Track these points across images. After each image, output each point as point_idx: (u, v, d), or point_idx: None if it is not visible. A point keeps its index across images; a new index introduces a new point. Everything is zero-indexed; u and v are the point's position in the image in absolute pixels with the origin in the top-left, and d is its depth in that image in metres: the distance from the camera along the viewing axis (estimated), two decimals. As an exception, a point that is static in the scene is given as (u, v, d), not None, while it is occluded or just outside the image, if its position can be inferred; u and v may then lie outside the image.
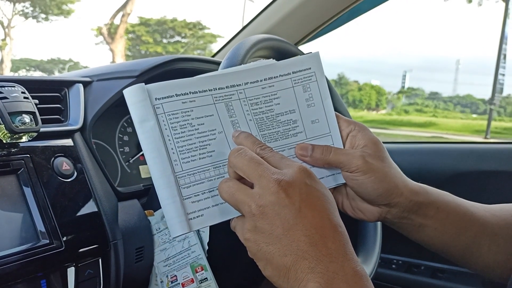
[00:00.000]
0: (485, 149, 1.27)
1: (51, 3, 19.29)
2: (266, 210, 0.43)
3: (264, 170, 0.45)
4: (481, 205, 0.59)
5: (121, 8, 17.33)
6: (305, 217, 0.42)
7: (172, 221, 0.47)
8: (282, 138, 0.53)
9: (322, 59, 0.57)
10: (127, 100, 0.48)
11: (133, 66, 0.82)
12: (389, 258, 1.32)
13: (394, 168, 0.54)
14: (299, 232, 0.42)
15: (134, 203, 0.75)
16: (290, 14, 1.16)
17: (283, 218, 0.42)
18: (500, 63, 12.96)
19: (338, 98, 0.82)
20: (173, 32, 22.46)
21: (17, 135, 0.59)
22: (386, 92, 31.44)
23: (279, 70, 0.54)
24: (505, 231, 0.57)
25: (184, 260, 0.74)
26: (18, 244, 0.56)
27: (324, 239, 0.42)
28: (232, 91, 0.51)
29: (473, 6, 20.85)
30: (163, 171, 0.47)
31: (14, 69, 21.02)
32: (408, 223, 0.55)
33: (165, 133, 0.48)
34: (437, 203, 0.55)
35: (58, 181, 0.63)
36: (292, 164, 0.46)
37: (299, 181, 0.44)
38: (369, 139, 0.53)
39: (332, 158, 0.53)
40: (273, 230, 0.43)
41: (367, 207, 0.55)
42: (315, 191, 0.44)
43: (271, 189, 0.43)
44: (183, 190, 0.48)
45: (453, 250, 0.57)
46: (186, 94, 0.49)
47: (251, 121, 0.52)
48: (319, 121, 0.55)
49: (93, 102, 0.76)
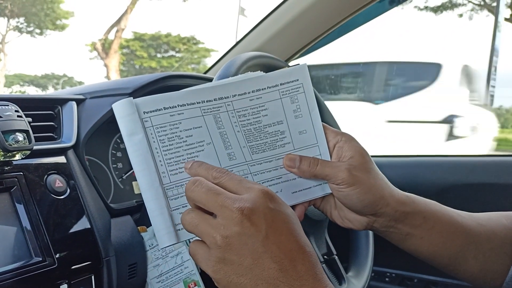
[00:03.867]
0: (476, 162, 1.29)
1: (46, 18, 19.35)
2: (232, 241, 0.42)
3: (224, 199, 0.43)
4: (468, 214, 0.60)
5: (116, 23, 17.41)
6: (273, 243, 0.42)
7: (160, 232, 0.48)
8: (269, 149, 0.54)
9: (313, 73, 0.58)
10: (116, 114, 0.49)
11: (126, 83, 0.83)
12: (382, 271, 1.32)
13: (381, 179, 0.54)
14: (269, 259, 0.42)
15: (127, 219, 0.75)
16: (281, 30, 1.18)
17: (251, 248, 0.42)
18: (491, 75, 13.09)
19: (327, 109, 0.83)
20: (167, 47, 22.54)
21: (11, 153, 0.59)
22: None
23: (267, 82, 0.55)
24: (492, 241, 0.58)
25: (177, 276, 0.74)
26: (10, 262, 0.57)
27: (293, 262, 0.42)
28: (220, 103, 0.52)
29: (463, 20, 21.19)
30: (151, 183, 0.48)
31: (8, 84, 20.96)
32: (395, 232, 0.56)
33: (153, 145, 0.49)
34: (424, 213, 0.56)
35: (51, 198, 0.64)
36: (252, 187, 0.45)
37: (262, 206, 0.43)
38: (355, 150, 0.54)
39: (318, 171, 0.53)
40: (242, 261, 0.42)
41: (355, 216, 0.56)
42: (279, 215, 0.44)
43: (234, 220, 0.42)
44: (171, 201, 0.49)
45: (440, 258, 0.58)
46: (174, 107, 0.50)
47: (239, 132, 0.53)
48: (306, 132, 0.56)
49: (86, 119, 0.76)
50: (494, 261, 0.58)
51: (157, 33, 22.42)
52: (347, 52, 4.11)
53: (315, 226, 0.80)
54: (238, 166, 0.52)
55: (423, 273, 1.26)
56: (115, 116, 0.49)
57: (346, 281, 0.81)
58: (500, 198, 1.18)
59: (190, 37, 22.82)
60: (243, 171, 0.53)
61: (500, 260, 0.58)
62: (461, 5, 12.10)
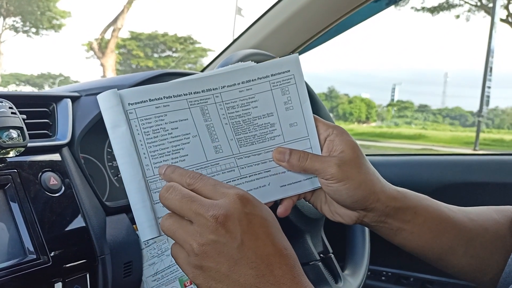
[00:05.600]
0: (472, 161, 1.29)
1: (42, 17, 19.29)
2: (208, 249, 0.43)
3: (198, 207, 0.43)
4: (459, 209, 0.60)
5: (112, 22, 17.38)
6: (249, 249, 0.42)
7: (142, 225, 0.48)
8: (258, 142, 0.54)
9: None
10: (100, 105, 0.48)
11: (122, 80, 0.83)
12: (378, 269, 1.32)
13: (372, 174, 0.54)
14: (245, 266, 0.42)
15: (123, 217, 0.75)
16: (278, 28, 1.18)
17: (227, 255, 0.42)
18: (487, 76, 13.16)
19: (319, 102, 0.83)
20: (164, 47, 22.53)
21: (5, 150, 0.59)
22: (376, 105, 31.68)
23: (257, 72, 0.54)
24: (482, 236, 0.58)
25: (173, 275, 0.73)
26: (4, 260, 0.56)
27: (270, 267, 0.42)
28: (208, 95, 0.52)
29: (460, 21, 21.15)
30: (134, 176, 0.48)
31: (4, 83, 20.90)
32: (386, 227, 0.56)
33: (137, 138, 0.48)
34: (414, 208, 0.55)
35: (45, 196, 0.63)
36: (227, 192, 0.45)
37: (237, 212, 0.43)
38: (346, 144, 0.53)
39: (308, 165, 0.53)
40: (219, 268, 0.42)
41: (345, 211, 0.55)
42: (255, 219, 0.44)
43: (209, 227, 0.42)
44: (154, 194, 0.48)
45: (430, 253, 0.58)
46: (160, 99, 0.49)
47: (227, 125, 0.52)
48: (297, 124, 0.55)
49: (81, 116, 0.76)
50: (485, 256, 0.58)
51: (154, 32, 22.41)
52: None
53: (312, 224, 0.80)
54: (224, 159, 0.52)
55: (419, 272, 1.27)
56: (100, 108, 0.49)
57: (342, 279, 0.81)
58: (496, 197, 1.18)
59: (187, 37, 22.82)
60: (229, 164, 0.52)
61: (491, 255, 0.58)
62: (458, 5, 12.14)
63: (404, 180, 1.29)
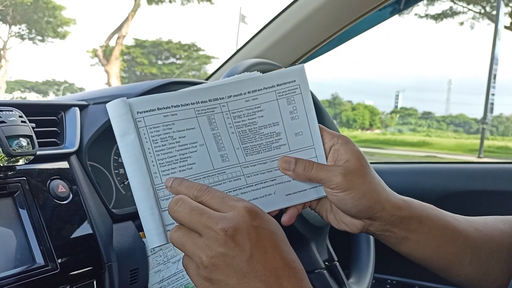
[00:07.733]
0: (477, 169, 1.29)
1: (47, 26, 19.45)
2: (217, 261, 0.43)
3: (207, 220, 0.44)
4: (465, 218, 0.60)
5: (117, 30, 17.48)
6: (258, 262, 0.43)
7: (150, 232, 0.48)
8: (264, 151, 0.54)
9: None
10: (109, 114, 0.49)
11: (129, 89, 0.84)
12: (383, 278, 1.32)
13: (377, 183, 0.54)
14: (254, 279, 0.43)
15: (129, 224, 0.75)
16: (282, 38, 1.19)
17: (236, 268, 0.43)
18: (491, 83, 13.14)
19: (324, 111, 0.83)
20: (168, 54, 22.64)
21: (14, 158, 0.60)
22: (379, 112, 31.66)
23: (264, 82, 0.54)
24: (487, 245, 0.58)
25: (178, 282, 0.74)
26: (13, 267, 0.57)
27: (279, 280, 0.43)
28: (215, 104, 0.52)
29: (464, 28, 21.20)
30: (142, 183, 0.49)
31: (9, 90, 21.04)
32: (391, 236, 0.56)
33: (146, 146, 0.49)
34: (420, 217, 0.56)
35: (53, 203, 0.64)
36: (235, 205, 0.45)
37: (246, 225, 0.43)
38: (351, 153, 0.53)
39: (313, 174, 0.53)
40: (228, 280, 0.43)
41: (350, 220, 0.56)
42: (264, 232, 0.44)
43: (219, 240, 0.43)
44: (162, 202, 0.49)
45: (435, 262, 0.58)
46: (168, 108, 0.50)
47: (233, 134, 0.53)
48: (302, 133, 0.56)
49: (89, 125, 0.77)
50: (490, 266, 0.58)
51: (158, 40, 22.53)
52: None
53: (317, 232, 0.80)
54: (231, 168, 0.52)
55: (424, 280, 1.26)
56: (109, 116, 0.49)
57: (347, 287, 0.81)
58: (499, 205, 1.18)
59: (191, 44, 22.93)
60: (236, 173, 0.52)
61: (496, 265, 0.58)
62: (462, 13, 12.15)
63: (408, 188, 1.29)
